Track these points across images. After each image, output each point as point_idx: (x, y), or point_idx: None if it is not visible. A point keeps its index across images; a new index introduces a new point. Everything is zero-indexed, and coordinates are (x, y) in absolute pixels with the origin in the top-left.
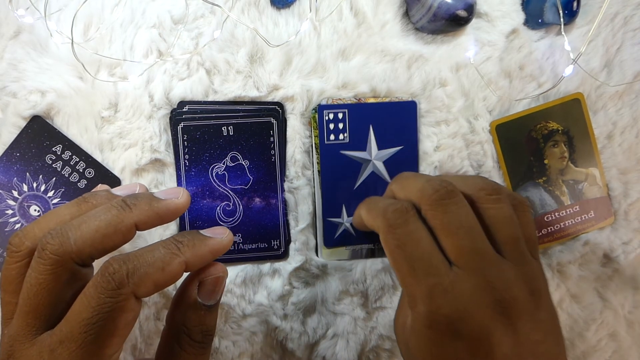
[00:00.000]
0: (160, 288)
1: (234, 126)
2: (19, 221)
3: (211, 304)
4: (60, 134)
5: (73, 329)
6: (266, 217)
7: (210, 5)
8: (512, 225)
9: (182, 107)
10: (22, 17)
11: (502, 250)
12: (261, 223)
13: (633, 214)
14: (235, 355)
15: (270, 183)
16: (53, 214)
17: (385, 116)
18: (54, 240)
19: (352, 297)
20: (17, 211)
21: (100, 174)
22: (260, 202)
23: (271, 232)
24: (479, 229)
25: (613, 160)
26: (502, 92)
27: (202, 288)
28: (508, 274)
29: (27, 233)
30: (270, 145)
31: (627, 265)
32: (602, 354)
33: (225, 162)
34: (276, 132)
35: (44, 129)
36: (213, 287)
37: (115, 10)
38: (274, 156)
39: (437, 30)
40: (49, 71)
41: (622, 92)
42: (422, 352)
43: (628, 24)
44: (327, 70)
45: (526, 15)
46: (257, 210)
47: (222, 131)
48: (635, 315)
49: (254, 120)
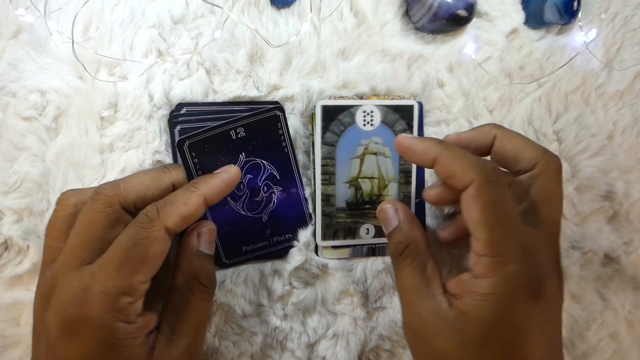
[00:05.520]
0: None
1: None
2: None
3: (210, 253)
4: None
5: (112, 255)
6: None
7: (210, 5)
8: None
9: (179, 110)
10: (22, 17)
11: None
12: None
13: (634, 214)
14: (235, 355)
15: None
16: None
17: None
18: (108, 186)
19: (352, 297)
20: None
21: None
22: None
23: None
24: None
25: (613, 160)
26: (507, 86)
27: (201, 238)
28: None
29: (76, 191)
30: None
31: (628, 265)
32: (603, 354)
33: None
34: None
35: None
36: (209, 237)
37: (115, 10)
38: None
39: (437, 30)
40: (48, 71)
41: (622, 92)
42: (494, 319)
43: (628, 24)
44: (327, 70)
45: (526, 15)
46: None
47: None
48: (636, 315)
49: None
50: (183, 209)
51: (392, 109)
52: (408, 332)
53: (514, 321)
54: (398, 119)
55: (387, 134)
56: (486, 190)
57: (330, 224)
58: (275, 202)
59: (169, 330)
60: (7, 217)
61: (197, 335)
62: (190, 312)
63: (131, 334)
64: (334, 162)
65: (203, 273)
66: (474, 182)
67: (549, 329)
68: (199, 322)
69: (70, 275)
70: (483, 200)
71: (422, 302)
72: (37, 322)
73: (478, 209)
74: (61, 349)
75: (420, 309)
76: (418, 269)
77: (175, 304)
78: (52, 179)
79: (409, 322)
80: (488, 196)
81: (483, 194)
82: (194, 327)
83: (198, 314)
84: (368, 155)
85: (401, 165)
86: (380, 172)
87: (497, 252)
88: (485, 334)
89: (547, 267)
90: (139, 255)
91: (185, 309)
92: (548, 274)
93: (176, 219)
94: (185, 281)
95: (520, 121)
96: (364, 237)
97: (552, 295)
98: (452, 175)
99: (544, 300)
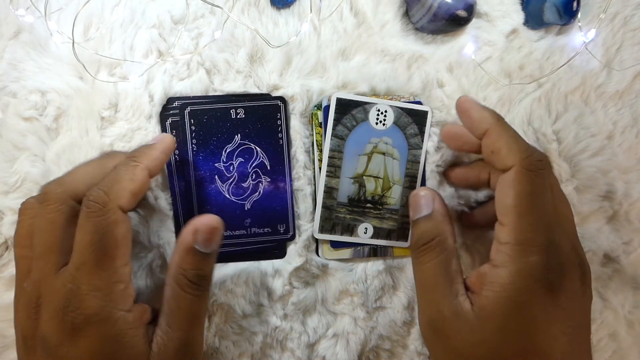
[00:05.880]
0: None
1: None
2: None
3: (207, 251)
4: None
5: (83, 253)
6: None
7: (210, 6)
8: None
9: (171, 103)
10: (22, 17)
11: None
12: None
13: (634, 214)
14: (235, 355)
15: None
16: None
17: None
18: (53, 184)
19: (352, 297)
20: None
21: None
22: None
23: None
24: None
25: (613, 160)
26: (507, 86)
27: (197, 235)
28: (580, 245)
29: (38, 197)
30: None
31: (628, 265)
32: (602, 354)
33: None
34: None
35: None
36: (207, 235)
37: (115, 10)
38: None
39: (437, 30)
40: (48, 71)
41: (622, 92)
42: (512, 310)
43: (627, 24)
44: (327, 70)
45: (526, 15)
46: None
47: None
48: (636, 315)
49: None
50: (131, 185)
51: (406, 112)
52: (427, 328)
53: (532, 314)
54: (411, 122)
55: (398, 136)
56: (526, 178)
57: (329, 217)
58: (261, 192)
59: (164, 323)
60: (7, 217)
61: (192, 329)
62: (181, 307)
63: (131, 323)
64: (341, 155)
65: (192, 271)
66: (515, 166)
67: (569, 325)
68: (192, 317)
69: (51, 282)
70: (521, 187)
71: (445, 300)
72: (27, 334)
73: (514, 194)
74: (65, 351)
75: (442, 307)
76: (442, 265)
77: (168, 297)
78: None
79: (429, 319)
80: (526, 185)
81: (522, 180)
82: (187, 320)
83: (189, 309)
84: (376, 154)
85: (407, 169)
86: (386, 173)
87: (522, 241)
88: (503, 326)
89: (569, 264)
90: (109, 243)
91: (176, 303)
92: (569, 270)
93: (127, 196)
94: (175, 276)
95: (520, 121)
96: (361, 236)
97: (572, 291)
98: (497, 151)
99: (564, 296)
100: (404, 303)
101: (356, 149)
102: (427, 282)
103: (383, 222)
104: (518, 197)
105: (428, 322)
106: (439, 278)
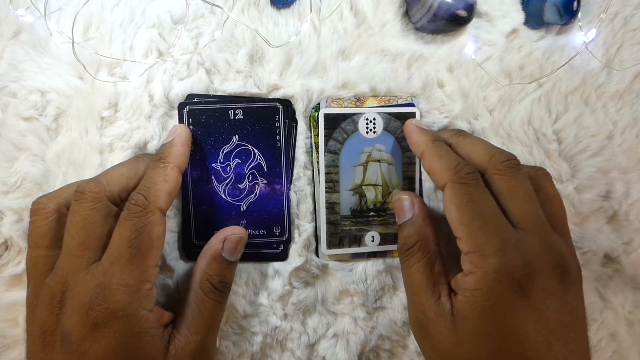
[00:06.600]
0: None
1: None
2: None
3: (231, 259)
4: None
5: (120, 249)
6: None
7: (210, 5)
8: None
9: (191, 99)
10: (22, 17)
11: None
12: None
13: (633, 214)
14: (235, 355)
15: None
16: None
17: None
18: (90, 183)
19: (352, 297)
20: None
21: None
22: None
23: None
24: (537, 199)
25: (613, 160)
26: (507, 86)
27: (226, 244)
28: (561, 243)
29: (49, 196)
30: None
31: (628, 265)
32: (602, 354)
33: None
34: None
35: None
36: (235, 244)
37: (115, 10)
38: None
39: (437, 30)
40: (49, 71)
41: (622, 92)
42: (482, 314)
43: (628, 24)
44: (327, 70)
45: (526, 15)
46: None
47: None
48: (636, 315)
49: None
50: (165, 186)
51: (395, 116)
52: (414, 326)
53: (503, 316)
54: (400, 126)
55: (390, 141)
56: (459, 191)
57: (335, 232)
58: (257, 193)
59: (183, 326)
60: (7, 217)
61: (209, 333)
62: (203, 311)
63: (152, 323)
64: (337, 169)
65: (218, 277)
66: (448, 182)
67: (545, 325)
68: (211, 321)
69: (81, 276)
70: (457, 199)
71: (428, 301)
72: (47, 329)
73: (454, 208)
74: (87, 346)
75: (426, 308)
76: (426, 267)
77: (190, 301)
78: (53, 179)
79: (415, 319)
80: (461, 196)
81: (457, 194)
82: (206, 325)
83: (210, 313)
84: (371, 162)
85: (404, 172)
86: (383, 179)
87: (476, 247)
88: (477, 330)
89: (539, 263)
90: (146, 242)
91: (198, 307)
92: (541, 269)
93: (164, 197)
94: (200, 281)
95: (520, 121)
96: (369, 245)
97: (548, 291)
98: (432, 172)
99: (537, 295)
100: (404, 303)
101: (351, 160)
102: (413, 284)
103: (388, 227)
104: (458, 209)
105: (415, 322)
106: (423, 280)
